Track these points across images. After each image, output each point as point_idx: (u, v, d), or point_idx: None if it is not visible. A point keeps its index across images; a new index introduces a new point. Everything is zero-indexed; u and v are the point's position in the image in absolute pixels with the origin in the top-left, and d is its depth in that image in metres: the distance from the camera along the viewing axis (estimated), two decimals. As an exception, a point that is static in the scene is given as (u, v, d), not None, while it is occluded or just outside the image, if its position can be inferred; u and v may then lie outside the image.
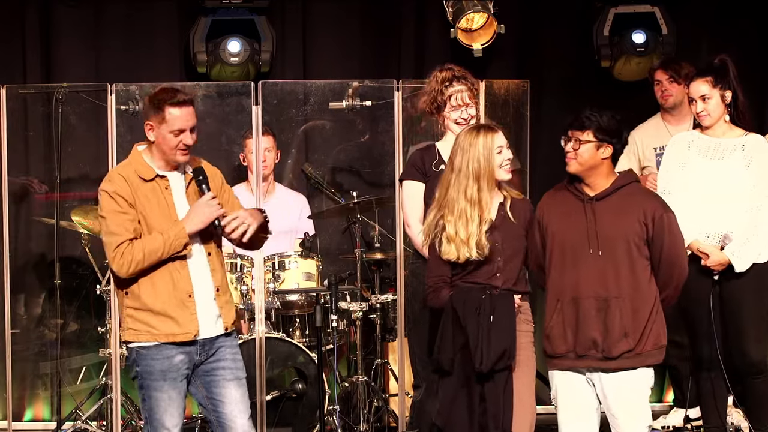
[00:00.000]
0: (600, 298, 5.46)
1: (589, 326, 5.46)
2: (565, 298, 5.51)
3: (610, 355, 5.45)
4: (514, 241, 5.61)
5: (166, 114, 5.42)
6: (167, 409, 5.48)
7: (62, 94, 7.93)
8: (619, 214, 5.48)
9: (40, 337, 8.37)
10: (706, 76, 6.52)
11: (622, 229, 5.47)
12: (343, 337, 7.86)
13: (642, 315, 5.46)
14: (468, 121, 6.30)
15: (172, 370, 5.47)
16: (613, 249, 5.46)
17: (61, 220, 7.94)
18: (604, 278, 5.46)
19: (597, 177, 5.54)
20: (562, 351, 5.53)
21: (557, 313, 5.52)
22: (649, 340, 5.48)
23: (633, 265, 5.47)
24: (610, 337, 5.44)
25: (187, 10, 8.52)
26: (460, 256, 5.55)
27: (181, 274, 5.45)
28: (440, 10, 8.41)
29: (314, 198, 8.50)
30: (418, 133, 7.83)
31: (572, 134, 5.55)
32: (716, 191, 6.49)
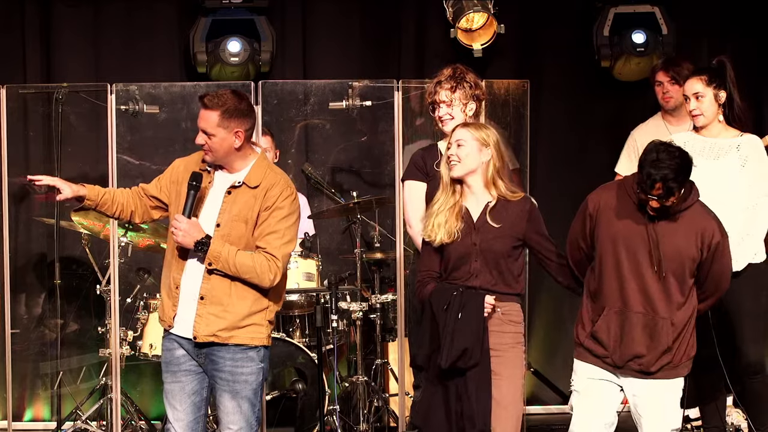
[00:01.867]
0: (647, 316, 5.46)
1: (634, 342, 5.47)
2: (614, 308, 5.50)
3: (648, 370, 5.49)
4: (495, 243, 5.59)
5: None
6: (170, 401, 5.56)
7: (62, 94, 7.93)
8: (679, 236, 5.47)
9: (40, 337, 8.37)
10: (701, 75, 6.52)
11: (678, 250, 5.46)
12: (343, 337, 7.86)
13: (682, 331, 5.50)
14: (442, 119, 6.31)
15: (173, 363, 5.52)
16: (666, 269, 5.45)
17: (61, 220, 7.93)
18: (653, 297, 5.46)
19: None
20: (602, 354, 5.53)
21: (604, 320, 5.51)
22: (685, 353, 5.53)
23: (682, 285, 5.49)
24: (652, 353, 5.46)
25: (187, 10, 8.52)
26: (432, 238, 5.61)
27: (178, 266, 5.49)
28: (440, 10, 8.41)
29: (314, 198, 8.50)
30: (416, 132, 7.84)
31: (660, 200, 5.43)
32: (712, 191, 6.48)
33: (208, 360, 5.50)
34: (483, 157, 5.64)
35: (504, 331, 5.61)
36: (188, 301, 5.47)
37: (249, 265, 5.39)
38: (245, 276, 5.40)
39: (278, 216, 5.43)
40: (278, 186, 5.46)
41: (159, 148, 8.31)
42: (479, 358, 5.48)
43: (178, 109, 8.15)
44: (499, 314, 5.60)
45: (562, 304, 8.38)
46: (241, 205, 5.45)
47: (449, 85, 6.27)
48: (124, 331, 7.65)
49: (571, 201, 7.06)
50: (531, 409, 7.92)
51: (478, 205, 5.65)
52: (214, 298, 5.43)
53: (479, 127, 5.72)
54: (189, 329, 5.47)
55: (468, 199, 5.66)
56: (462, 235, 5.59)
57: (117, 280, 7.56)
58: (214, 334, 5.44)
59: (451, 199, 5.64)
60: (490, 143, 5.64)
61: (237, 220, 5.44)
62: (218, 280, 5.43)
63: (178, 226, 5.39)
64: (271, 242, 5.41)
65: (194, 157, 5.64)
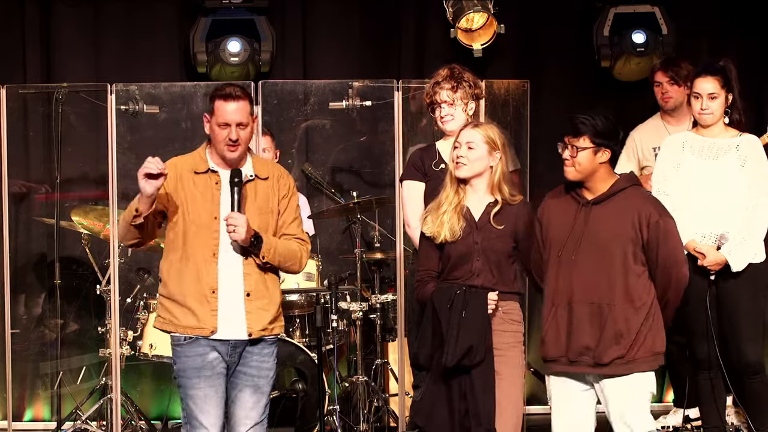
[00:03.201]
0: (593, 304, 5.41)
1: (581, 332, 5.41)
2: (560, 303, 5.46)
3: (600, 362, 5.40)
4: (497, 242, 5.60)
5: (215, 106, 5.48)
6: (203, 408, 5.46)
7: (62, 94, 7.93)
8: (614, 219, 5.42)
9: (40, 337, 8.37)
10: (716, 75, 6.49)
11: (615, 234, 5.40)
12: (343, 337, 7.86)
13: (635, 321, 5.39)
14: (443, 119, 6.31)
15: (206, 368, 5.46)
16: (604, 254, 5.39)
17: (61, 220, 7.94)
18: (596, 284, 5.40)
19: (596, 181, 5.48)
20: (555, 355, 5.49)
21: (552, 318, 5.49)
22: (643, 347, 5.41)
23: (627, 270, 5.40)
24: (602, 344, 5.39)
25: (187, 10, 8.52)
26: (434, 233, 5.61)
27: (208, 270, 5.44)
28: (440, 10, 8.41)
29: (314, 198, 8.50)
30: (418, 133, 7.84)
31: (568, 141, 5.48)
32: (711, 191, 6.49)
33: (239, 357, 5.51)
34: (491, 161, 5.66)
35: (505, 330, 5.61)
36: (233, 302, 5.47)
37: (293, 251, 5.55)
38: (288, 263, 5.54)
39: (294, 203, 5.61)
40: (285, 175, 5.63)
41: (159, 148, 8.29)
42: (484, 355, 5.49)
43: (178, 109, 8.15)
44: (500, 313, 5.60)
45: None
46: (261, 197, 5.51)
47: (450, 85, 6.27)
48: (124, 331, 7.65)
49: (571, 201, 7.07)
50: (531, 409, 7.91)
51: (480, 205, 5.66)
52: (258, 293, 5.50)
53: (489, 129, 5.71)
54: (239, 330, 5.47)
55: (470, 199, 5.67)
56: (463, 234, 5.60)
57: (117, 280, 7.56)
58: (265, 327, 5.52)
59: (455, 198, 5.65)
60: (499, 147, 5.65)
61: (263, 212, 5.50)
62: (258, 275, 5.50)
63: (238, 223, 5.38)
64: (296, 228, 5.60)
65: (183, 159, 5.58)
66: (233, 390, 5.53)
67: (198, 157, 5.57)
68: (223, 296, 5.46)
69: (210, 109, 5.52)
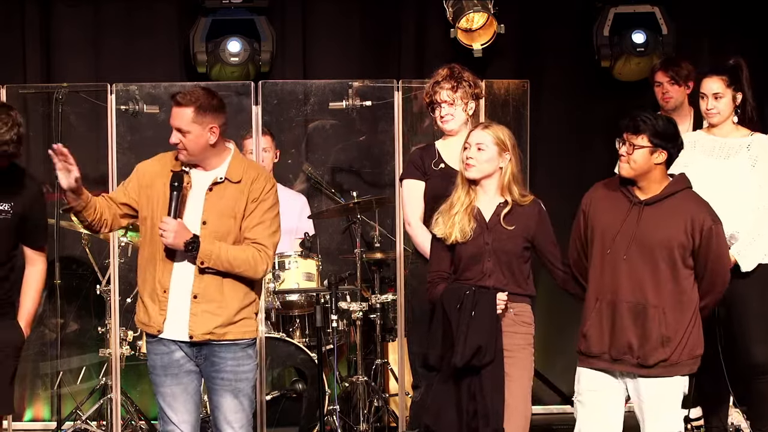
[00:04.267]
0: (638, 305, 5.39)
1: (625, 331, 5.40)
2: (604, 299, 5.45)
3: (645, 363, 5.39)
4: (508, 243, 5.60)
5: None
6: (172, 405, 5.50)
7: (62, 94, 7.93)
8: (667, 222, 5.40)
9: (40, 337, 8.36)
10: (721, 75, 6.49)
11: (667, 237, 5.39)
12: (343, 337, 7.86)
13: (681, 325, 5.40)
14: (443, 119, 6.31)
15: (172, 366, 5.49)
16: (654, 256, 5.38)
17: (61, 220, 7.94)
18: (642, 285, 5.39)
19: (649, 181, 5.45)
20: (597, 352, 5.47)
21: (596, 313, 5.46)
22: (686, 350, 5.41)
23: (675, 273, 5.40)
24: (648, 345, 5.38)
25: (187, 10, 8.52)
26: (445, 235, 5.60)
27: (163, 269, 5.47)
28: (440, 10, 8.41)
29: (314, 198, 8.50)
30: (418, 133, 7.84)
31: (627, 137, 5.44)
32: (722, 191, 6.47)
33: (207, 361, 5.49)
34: (501, 162, 5.66)
35: (516, 332, 5.61)
36: (180, 303, 5.46)
37: (242, 258, 5.42)
38: (239, 269, 5.42)
39: (264, 207, 5.48)
40: (262, 178, 5.52)
41: (159, 148, 8.26)
42: (494, 356, 5.49)
43: (178, 110, 8.14)
44: (511, 315, 5.61)
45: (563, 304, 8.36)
46: (227, 201, 5.46)
47: (450, 85, 6.26)
48: (124, 331, 7.65)
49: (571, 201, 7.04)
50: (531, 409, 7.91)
51: (490, 206, 5.66)
52: (207, 296, 5.43)
53: (499, 130, 5.69)
54: (183, 331, 5.46)
55: (480, 199, 5.67)
56: (474, 234, 5.60)
57: (117, 280, 7.56)
58: (211, 331, 5.44)
59: (466, 199, 5.65)
60: (509, 148, 5.65)
61: (225, 216, 5.45)
62: (210, 278, 5.43)
63: (167, 228, 5.36)
64: (259, 233, 5.46)
65: (161, 159, 5.63)
66: (213, 395, 5.53)
67: (164, 158, 5.63)
68: (172, 296, 5.47)
69: None
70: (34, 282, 5.82)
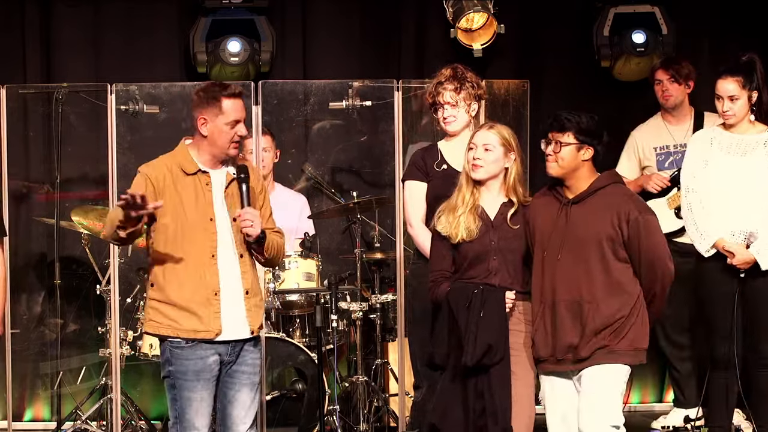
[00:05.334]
0: (573, 302, 5.41)
1: (565, 331, 5.42)
2: (546, 302, 5.48)
3: (579, 357, 5.41)
4: (513, 242, 5.62)
5: (222, 105, 5.45)
6: (198, 410, 5.47)
7: (62, 94, 7.93)
8: (593, 217, 5.42)
9: (40, 337, 8.37)
10: (735, 76, 6.49)
11: (594, 232, 5.40)
12: (343, 337, 7.86)
13: (617, 318, 5.39)
14: (446, 120, 6.30)
15: (206, 371, 5.46)
16: (584, 252, 5.40)
17: (61, 220, 7.94)
18: (577, 282, 5.41)
19: (577, 179, 5.49)
20: (545, 355, 5.50)
21: (539, 318, 5.50)
22: (624, 340, 5.40)
23: (607, 268, 5.40)
24: (583, 340, 5.39)
25: (187, 10, 8.52)
26: (450, 234, 5.61)
27: (210, 272, 5.45)
28: (440, 10, 8.41)
29: (314, 198, 8.50)
30: (418, 132, 7.84)
31: (552, 136, 5.49)
32: (740, 188, 6.48)
33: (237, 357, 5.53)
34: (507, 162, 5.68)
35: (522, 330, 5.63)
36: (233, 301, 5.48)
37: (280, 244, 5.63)
38: (279, 257, 5.63)
39: (267, 197, 5.66)
40: (256, 169, 5.68)
41: (159, 148, 8.27)
42: (504, 354, 5.50)
43: (178, 109, 8.14)
44: (516, 313, 5.62)
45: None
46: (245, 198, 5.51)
47: (453, 86, 6.26)
48: (124, 331, 7.65)
49: (571, 201, 7.06)
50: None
51: (494, 205, 5.68)
52: (254, 290, 5.55)
53: (504, 130, 5.71)
54: (243, 328, 5.50)
55: (483, 199, 5.68)
56: (480, 233, 5.61)
57: (117, 280, 7.56)
58: (262, 323, 5.62)
59: (470, 200, 5.65)
60: (514, 148, 5.66)
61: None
62: (252, 272, 5.55)
63: (253, 218, 5.41)
64: (273, 222, 5.64)
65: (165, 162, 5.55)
66: (230, 390, 5.53)
67: (182, 158, 5.54)
68: (224, 297, 5.47)
69: (211, 108, 5.47)
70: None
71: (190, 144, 5.58)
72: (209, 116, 5.47)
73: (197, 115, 5.50)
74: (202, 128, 5.49)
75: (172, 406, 5.51)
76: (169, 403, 5.54)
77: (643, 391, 8.58)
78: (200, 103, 5.49)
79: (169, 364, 5.49)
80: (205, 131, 5.49)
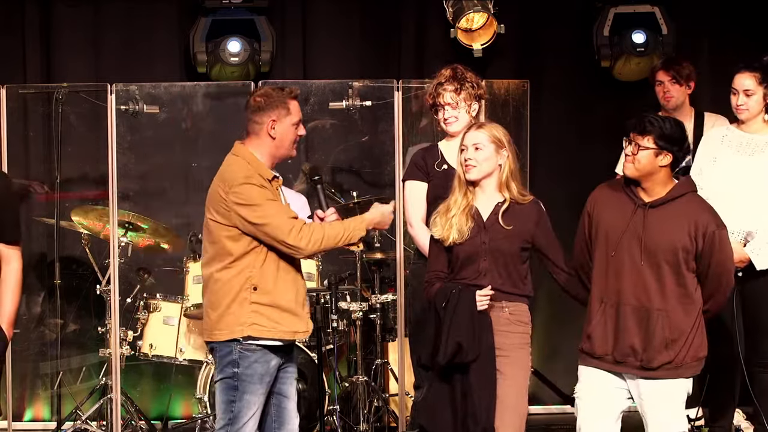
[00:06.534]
0: (641, 308, 5.37)
1: (629, 333, 5.38)
2: (609, 301, 5.43)
3: (649, 366, 5.37)
4: (504, 242, 5.60)
5: (290, 106, 5.53)
6: (256, 414, 5.52)
7: (62, 94, 7.93)
8: (671, 225, 5.37)
9: (40, 337, 8.37)
10: (754, 72, 6.49)
11: (670, 240, 5.35)
12: (343, 337, 7.86)
13: (684, 328, 5.37)
14: (447, 121, 6.30)
15: (268, 375, 5.52)
16: (658, 259, 5.36)
17: (61, 220, 7.94)
18: (646, 288, 5.36)
19: (654, 183, 5.41)
20: (601, 353, 5.45)
21: (600, 315, 5.44)
22: (689, 353, 5.39)
23: (679, 277, 5.37)
24: (651, 348, 5.35)
25: (187, 10, 8.52)
26: (443, 237, 5.61)
27: (300, 274, 5.59)
28: (440, 10, 8.41)
29: (314, 198, 8.48)
30: (418, 133, 7.84)
31: (633, 137, 5.40)
32: (744, 188, 6.47)
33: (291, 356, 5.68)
34: (500, 159, 5.65)
35: (511, 331, 5.60)
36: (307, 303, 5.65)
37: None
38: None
39: None
40: None
41: (159, 148, 8.31)
42: (477, 353, 5.48)
43: (178, 109, 8.16)
44: (506, 314, 5.60)
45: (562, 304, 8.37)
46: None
47: (453, 87, 6.25)
48: (124, 331, 7.66)
49: (571, 201, 7.07)
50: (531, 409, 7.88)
51: (489, 205, 5.66)
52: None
53: (493, 128, 5.69)
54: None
55: (478, 199, 5.67)
56: (471, 234, 5.60)
57: (117, 280, 7.56)
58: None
59: (463, 201, 5.65)
60: (506, 145, 5.65)
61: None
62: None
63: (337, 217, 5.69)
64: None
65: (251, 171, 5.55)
66: (284, 385, 5.62)
67: (258, 165, 5.56)
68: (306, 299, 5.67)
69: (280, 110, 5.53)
70: (12, 280, 5.50)
71: (252, 149, 5.59)
72: (279, 117, 5.53)
73: (266, 119, 5.53)
74: (272, 130, 5.54)
75: (227, 408, 5.50)
76: (222, 405, 5.51)
77: (643, 391, 8.57)
78: (268, 106, 5.53)
79: (235, 366, 5.48)
80: (274, 133, 5.54)
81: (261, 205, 5.44)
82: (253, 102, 5.55)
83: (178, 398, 8.28)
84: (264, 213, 5.45)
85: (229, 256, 5.47)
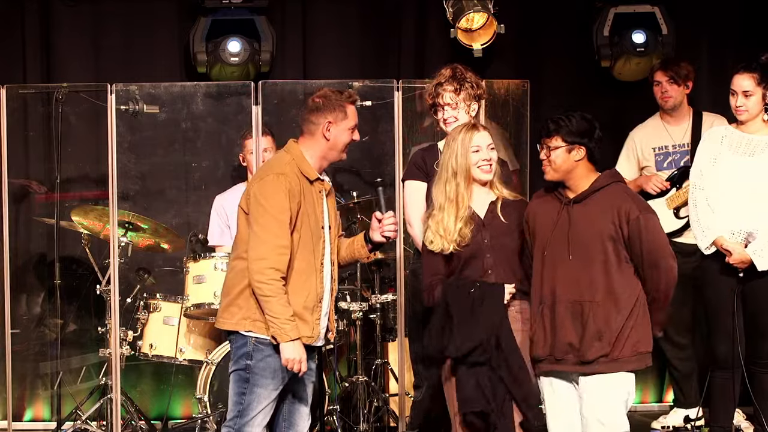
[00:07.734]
0: (575, 303, 5.41)
1: (565, 331, 5.42)
2: (546, 303, 5.48)
3: (585, 359, 5.40)
4: (505, 238, 5.63)
5: (347, 110, 5.58)
6: (266, 408, 5.53)
7: (62, 94, 7.93)
8: (594, 217, 5.42)
9: (40, 337, 8.37)
10: (752, 72, 6.50)
11: (594, 231, 5.41)
12: (343, 337, 7.86)
13: (618, 319, 5.38)
14: (447, 121, 6.30)
15: (282, 371, 5.50)
16: (586, 252, 5.40)
17: (61, 220, 7.94)
18: (577, 282, 5.41)
19: (576, 180, 5.50)
20: (542, 355, 5.50)
21: (539, 318, 5.51)
22: (627, 346, 5.39)
23: (608, 268, 5.39)
24: (585, 341, 5.38)
25: (187, 10, 8.52)
26: (443, 248, 5.61)
27: (318, 279, 5.54)
28: (440, 10, 8.41)
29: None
30: (421, 133, 7.84)
31: (543, 142, 5.51)
32: (744, 188, 6.48)
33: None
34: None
35: (517, 329, 5.63)
36: (326, 308, 5.60)
37: None
38: None
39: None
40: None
41: (159, 148, 8.31)
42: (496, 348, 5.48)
43: (178, 109, 8.15)
44: (514, 312, 5.63)
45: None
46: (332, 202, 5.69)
47: (452, 87, 6.25)
48: (124, 331, 7.66)
49: (571, 201, 7.05)
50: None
51: (483, 204, 5.69)
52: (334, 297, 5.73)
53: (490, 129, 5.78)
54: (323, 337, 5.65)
55: (473, 201, 5.68)
56: (472, 234, 5.61)
57: (117, 280, 7.56)
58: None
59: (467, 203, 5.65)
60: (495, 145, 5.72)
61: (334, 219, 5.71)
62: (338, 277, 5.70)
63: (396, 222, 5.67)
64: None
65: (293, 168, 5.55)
66: (300, 387, 5.63)
67: (304, 164, 5.59)
68: (325, 303, 5.60)
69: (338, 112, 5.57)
70: None
71: (304, 148, 5.61)
72: (336, 120, 5.58)
73: (322, 120, 5.57)
74: (327, 132, 5.57)
75: (237, 400, 5.52)
76: (233, 397, 5.54)
77: (643, 391, 8.58)
78: (326, 107, 5.58)
79: (248, 358, 5.50)
80: (329, 135, 5.58)
81: (267, 212, 5.42)
82: (312, 102, 5.60)
83: (178, 398, 8.28)
84: (263, 221, 5.42)
85: (244, 244, 5.49)
